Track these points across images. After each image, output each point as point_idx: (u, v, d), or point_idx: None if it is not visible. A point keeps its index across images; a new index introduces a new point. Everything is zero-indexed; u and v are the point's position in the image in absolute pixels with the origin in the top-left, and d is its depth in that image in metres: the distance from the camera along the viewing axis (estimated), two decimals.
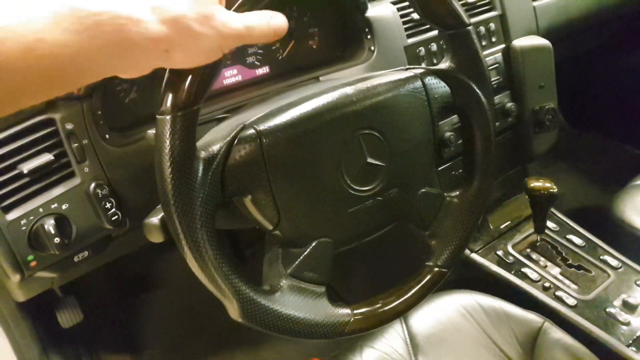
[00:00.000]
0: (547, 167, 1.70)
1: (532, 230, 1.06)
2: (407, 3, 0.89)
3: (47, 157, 0.56)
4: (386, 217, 0.58)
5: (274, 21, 0.42)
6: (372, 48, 0.85)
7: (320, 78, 0.81)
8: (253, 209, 0.50)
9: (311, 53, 0.87)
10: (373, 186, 0.55)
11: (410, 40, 0.90)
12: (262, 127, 0.49)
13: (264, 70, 0.83)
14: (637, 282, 0.95)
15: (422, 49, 0.92)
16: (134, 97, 0.70)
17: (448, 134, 0.95)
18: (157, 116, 0.42)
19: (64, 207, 0.58)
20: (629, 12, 1.44)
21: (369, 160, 0.54)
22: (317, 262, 0.54)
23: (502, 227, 1.08)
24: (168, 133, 0.42)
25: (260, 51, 0.82)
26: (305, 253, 0.53)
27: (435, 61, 0.94)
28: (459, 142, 0.97)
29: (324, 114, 0.52)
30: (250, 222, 0.53)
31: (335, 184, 0.53)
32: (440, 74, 0.60)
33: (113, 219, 0.61)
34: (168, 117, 0.41)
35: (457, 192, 0.64)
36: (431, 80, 0.60)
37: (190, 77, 0.41)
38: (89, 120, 0.60)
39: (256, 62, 0.82)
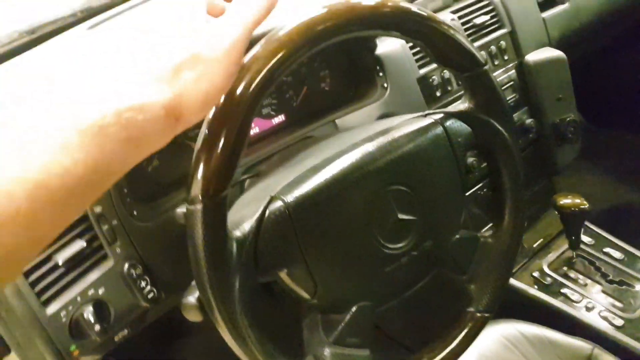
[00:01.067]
0: (570, 167, 1.67)
1: (566, 246, 1.03)
2: None
3: (80, 245, 0.56)
4: (423, 269, 0.57)
5: None
6: (385, 85, 0.84)
7: (337, 121, 0.81)
8: (290, 281, 0.50)
9: (324, 96, 0.87)
10: (407, 242, 0.54)
11: (423, 71, 0.89)
12: (289, 198, 0.48)
13: (280, 119, 0.83)
14: None
15: (435, 77, 0.91)
16: (156, 164, 0.70)
17: (470, 159, 0.94)
18: (187, 206, 0.42)
19: (100, 291, 0.58)
20: None
21: (400, 216, 0.54)
22: (359, 327, 0.53)
23: (534, 245, 1.05)
24: (200, 223, 0.42)
25: (275, 101, 0.82)
26: (347, 319, 0.52)
27: (450, 88, 0.93)
28: (483, 165, 0.96)
29: (349, 176, 0.51)
30: (288, 294, 0.52)
31: (368, 246, 0.52)
32: (460, 116, 0.59)
33: (149, 297, 0.61)
34: (199, 207, 0.41)
35: (490, 232, 0.62)
36: (452, 125, 0.59)
37: (215, 161, 0.41)
38: (117, 200, 0.60)
39: (272, 112, 0.82)
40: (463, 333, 0.59)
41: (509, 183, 0.61)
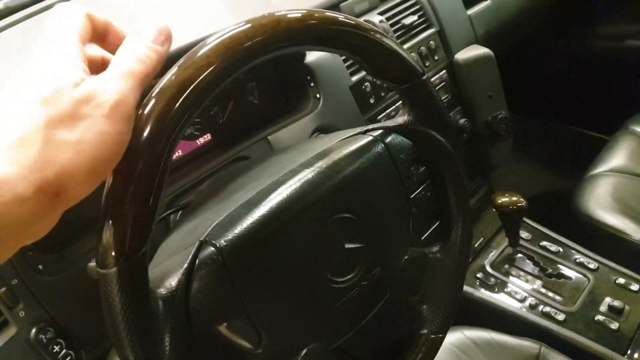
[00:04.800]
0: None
1: (506, 243, 1.04)
2: None
3: None
4: (374, 297, 0.54)
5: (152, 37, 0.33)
6: (318, 95, 0.79)
7: (270, 137, 0.75)
8: (230, 334, 0.44)
9: (254, 109, 0.80)
10: (355, 272, 0.50)
11: (355, 78, 0.86)
12: (222, 242, 0.42)
13: (205, 138, 0.76)
14: (617, 282, 0.94)
15: (367, 84, 0.88)
16: None
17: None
18: (99, 269, 0.35)
19: None
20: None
21: (347, 245, 0.49)
22: None
23: (476, 245, 1.06)
24: (115, 290, 0.34)
25: (198, 119, 0.75)
26: None
27: (383, 94, 0.90)
28: (421, 169, 0.94)
29: (289, 209, 0.46)
30: (229, 345, 0.46)
31: (315, 283, 0.47)
32: (400, 131, 0.56)
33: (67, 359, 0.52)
34: (112, 271, 0.34)
35: (438, 247, 0.60)
36: (393, 140, 0.55)
37: (129, 214, 0.34)
38: (15, 256, 0.51)
39: (195, 132, 0.75)
40: (419, 357, 0.57)
41: (454, 196, 0.59)
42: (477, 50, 1.06)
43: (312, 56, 0.80)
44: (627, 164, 1.18)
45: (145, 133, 0.33)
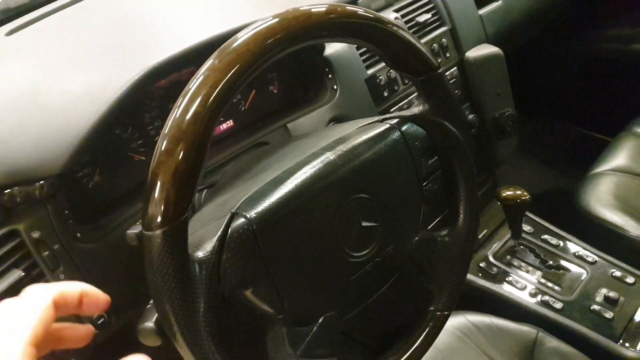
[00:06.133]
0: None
1: (508, 235, 1.08)
2: None
3: (17, 274, 0.51)
4: (386, 273, 0.58)
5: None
6: (335, 87, 0.84)
7: (288, 125, 0.79)
8: (255, 299, 0.48)
9: (273, 99, 0.85)
10: (370, 249, 0.54)
11: (370, 72, 0.90)
12: (252, 213, 0.46)
13: (228, 124, 0.80)
14: (613, 274, 0.99)
15: (382, 77, 0.92)
16: (97, 180, 0.66)
17: None
18: (144, 232, 0.39)
19: None
20: (567, 3, 1.50)
21: (364, 223, 0.53)
22: (326, 337, 0.52)
23: (480, 237, 1.10)
24: (160, 250, 0.39)
25: None
26: (313, 331, 0.51)
27: (396, 88, 0.94)
28: (430, 161, 0.98)
29: (313, 187, 0.50)
30: (251, 310, 0.50)
31: (334, 256, 0.51)
32: (415, 120, 0.60)
33: (99, 322, 0.57)
34: (158, 232, 0.39)
35: (446, 231, 0.64)
36: (408, 129, 0.59)
37: (174, 182, 0.38)
38: (57, 223, 0.55)
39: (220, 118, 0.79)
40: (425, 332, 0.61)
41: (464, 184, 0.63)
42: (487, 49, 1.10)
43: (331, 49, 0.84)
44: (629, 163, 1.22)
45: (189, 114, 0.38)
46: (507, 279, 0.99)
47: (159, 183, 0.38)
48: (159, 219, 0.38)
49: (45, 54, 0.67)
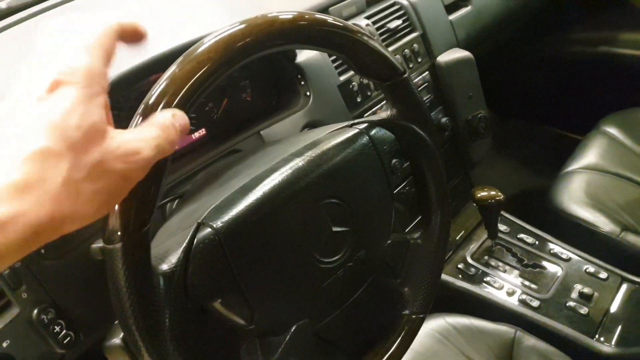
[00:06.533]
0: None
1: (485, 236, 1.09)
2: None
3: None
4: (359, 278, 0.58)
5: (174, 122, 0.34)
6: (308, 93, 0.84)
7: (262, 132, 0.79)
8: (224, 310, 0.48)
9: (246, 106, 0.84)
10: (342, 254, 0.54)
11: (342, 78, 0.90)
12: (218, 223, 0.46)
13: (200, 133, 0.79)
14: (587, 270, 1.01)
15: (354, 83, 0.92)
16: None
17: (393, 161, 0.96)
18: (105, 245, 0.39)
19: (4, 344, 0.51)
20: (535, 8, 1.54)
21: (334, 229, 0.53)
22: (299, 346, 0.52)
23: (457, 238, 1.11)
24: (121, 264, 0.38)
25: (194, 114, 0.78)
26: (286, 340, 0.51)
27: (369, 94, 0.95)
28: (405, 165, 0.99)
29: (281, 194, 0.50)
30: (222, 322, 0.50)
31: (304, 263, 0.51)
32: (383, 124, 0.60)
33: (65, 341, 0.55)
34: (118, 246, 0.38)
35: (419, 233, 0.64)
36: (377, 133, 0.59)
37: (134, 193, 0.37)
38: None
39: (191, 127, 0.78)
40: (401, 336, 0.61)
41: (433, 185, 0.63)
42: (458, 53, 1.12)
43: (303, 56, 0.84)
44: (599, 161, 1.25)
45: (162, 103, 0.37)
46: (485, 280, 1.00)
47: None
48: (118, 232, 0.37)
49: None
